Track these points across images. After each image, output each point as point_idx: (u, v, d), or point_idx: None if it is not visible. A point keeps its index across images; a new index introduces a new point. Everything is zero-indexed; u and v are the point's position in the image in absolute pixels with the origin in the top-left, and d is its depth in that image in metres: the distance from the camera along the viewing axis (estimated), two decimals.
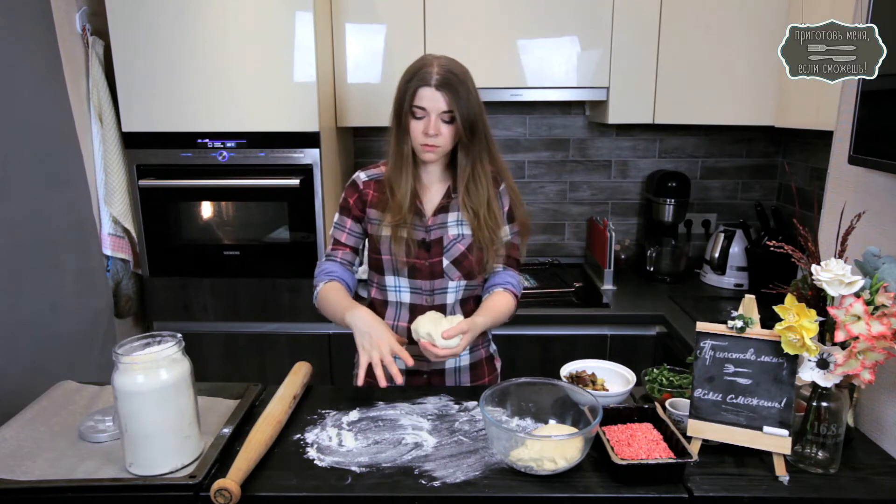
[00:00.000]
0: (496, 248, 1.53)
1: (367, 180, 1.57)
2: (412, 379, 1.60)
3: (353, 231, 1.58)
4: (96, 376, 1.52)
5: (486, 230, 1.50)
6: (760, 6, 2.24)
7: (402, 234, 1.50)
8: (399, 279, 1.55)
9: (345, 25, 2.37)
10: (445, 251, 1.52)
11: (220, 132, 2.23)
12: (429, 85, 1.40)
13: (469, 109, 1.42)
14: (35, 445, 1.19)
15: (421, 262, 1.52)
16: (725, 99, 2.36)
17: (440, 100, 1.40)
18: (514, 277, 1.59)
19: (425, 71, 1.41)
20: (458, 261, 1.52)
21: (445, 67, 1.42)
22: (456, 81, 1.41)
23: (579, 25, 2.37)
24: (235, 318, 2.39)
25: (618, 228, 2.84)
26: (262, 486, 1.09)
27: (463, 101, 1.41)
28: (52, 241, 1.93)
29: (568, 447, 1.09)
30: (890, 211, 1.28)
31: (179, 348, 1.13)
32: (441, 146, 1.45)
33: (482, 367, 1.64)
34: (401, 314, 1.57)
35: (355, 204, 1.56)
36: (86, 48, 2.19)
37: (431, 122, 1.42)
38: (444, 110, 1.41)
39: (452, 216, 1.53)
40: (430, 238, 1.53)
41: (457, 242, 1.52)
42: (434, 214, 1.53)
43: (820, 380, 1.09)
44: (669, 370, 1.44)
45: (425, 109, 1.42)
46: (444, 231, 1.53)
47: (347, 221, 1.58)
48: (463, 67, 1.46)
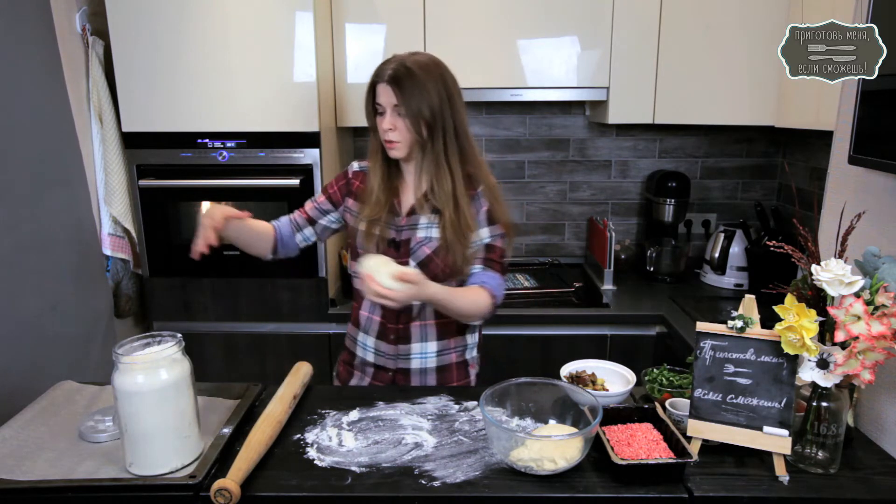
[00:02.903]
0: (466, 252, 1.49)
1: (357, 170, 1.62)
2: (378, 375, 1.60)
3: (320, 207, 1.63)
4: (96, 376, 1.52)
5: (452, 230, 1.46)
6: (760, 6, 2.24)
7: (374, 231, 1.51)
8: None
9: (345, 25, 2.37)
10: (412, 253, 1.51)
11: (220, 132, 2.23)
12: (382, 80, 1.42)
13: (421, 105, 1.40)
14: (35, 445, 1.19)
15: None
16: (725, 99, 2.36)
17: (391, 94, 1.42)
18: (494, 279, 1.51)
19: (382, 67, 1.44)
20: (423, 263, 1.50)
21: (403, 63, 1.42)
22: (406, 76, 1.40)
23: (579, 25, 2.37)
24: (235, 318, 2.39)
25: (618, 228, 2.84)
26: (262, 486, 1.09)
27: (413, 96, 1.40)
28: (52, 241, 1.93)
29: (568, 447, 1.09)
30: (890, 211, 1.28)
31: (179, 348, 1.13)
32: (400, 141, 1.45)
33: (451, 372, 1.61)
34: (374, 308, 1.58)
35: (339, 189, 1.62)
36: (86, 48, 2.19)
37: (387, 117, 1.44)
38: (395, 105, 1.42)
39: (425, 218, 1.52)
40: (400, 238, 1.52)
41: (423, 245, 1.50)
42: (408, 214, 1.53)
43: (820, 380, 1.09)
44: (669, 370, 1.44)
45: (382, 105, 1.44)
46: (413, 232, 1.52)
47: (321, 198, 1.64)
48: (428, 63, 1.44)
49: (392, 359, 1.58)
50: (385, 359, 1.59)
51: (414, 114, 1.41)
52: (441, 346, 1.59)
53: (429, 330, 1.56)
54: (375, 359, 1.60)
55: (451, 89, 1.45)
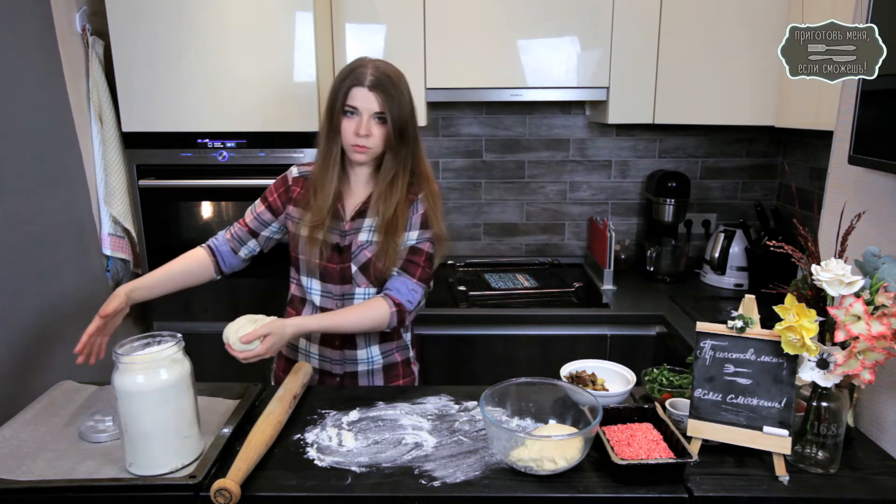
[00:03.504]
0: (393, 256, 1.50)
1: (297, 177, 1.58)
2: (325, 379, 1.60)
3: (260, 217, 1.60)
4: (96, 376, 1.52)
5: (389, 237, 1.48)
6: (760, 6, 2.24)
7: (317, 236, 1.50)
8: (311, 280, 1.55)
9: (345, 25, 2.37)
10: (353, 257, 1.52)
11: (220, 132, 2.23)
12: (362, 85, 1.41)
13: (401, 112, 1.43)
14: (35, 445, 1.19)
15: (332, 266, 1.52)
16: (725, 99, 2.36)
17: (373, 100, 1.41)
18: (405, 285, 1.49)
19: (360, 71, 1.42)
20: (364, 266, 1.51)
21: (380, 69, 1.43)
22: (389, 83, 1.42)
23: (579, 25, 2.37)
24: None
25: (618, 228, 2.83)
26: (262, 486, 1.09)
27: (395, 103, 1.42)
28: (51, 241, 1.93)
29: (568, 447, 1.09)
30: (890, 211, 1.28)
31: (179, 348, 1.13)
32: (372, 147, 1.45)
33: (397, 370, 1.63)
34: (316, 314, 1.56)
35: (278, 196, 1.58)
36: (86, 48, 2.19)
37: (363, 122, 1.42)
38: (377, 111, 1.42)
39: (368, 221, 1.52)
40: (344, 242, 1.52)
41: (364, 248, 1.51)
42: (352, 219, 1.52)
43: (820, 380, 1.09)
44: (669, 370, 1.44)
45: (357, 109, 1.42)
46: (355, 236, 1.52)
47: (260, 207, 1.60)
48: (398, 71, 1.47)
49: (339, 363, 1.59)
50: (331, 364, 1.59)
51: (395, 121, 1.42)
52: (385, 348, 1.61)
53: (371, 333, 1.57)
54: (321, 364, 1.60)
55: (411, 97, 1.48)
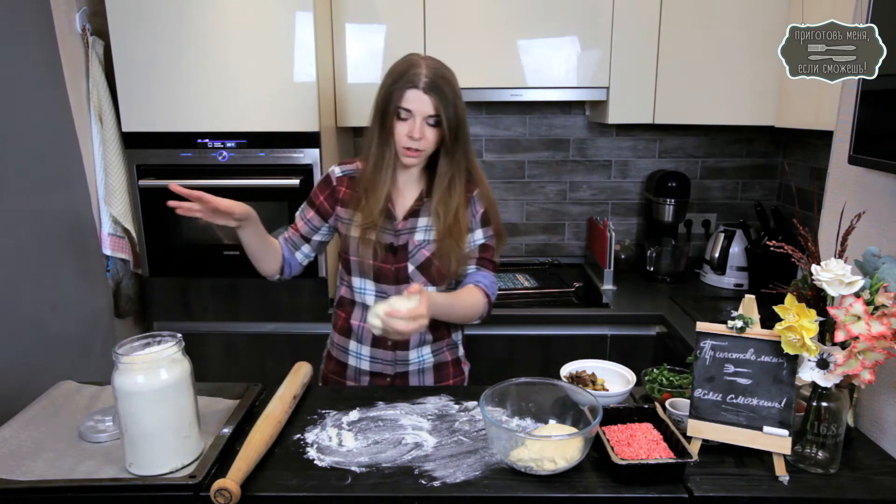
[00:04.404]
0: (459, 257, 1.50)
1: (341, 176, 1.55)
2: (375, 380, 1.60)
3: (311, 222, 1.57)
4: (96, 376, 1.52)
5: (451, 239, 1.47)
6: (760, 6, 2.24)
7: (370, 237, 1.48)
8: (365, 281, 1.53)
9: (345, 25, 2.37)
10: (410, 256, 1.50)
11: (220, 132, 2.23)
12: (416, 87, 1.37)
13: (455, 114, 1.40)
14: (35, 445, 1.19)
15: (387, 267, 1.50)
16: (725, 99, 2.36)
17: (427, 103, 1.38)
18: (487, 277, 1.55)
19: (414, 73, 1.38)
20: (423, 266, 1.50)
21: (434, 70, 1.39)
22: (444, 85, 1.38)
23: (579, 25, 2.37)
24: (235, 318, 2.39)
25: (618, 228, 2.84)
26: (262, 486, 1.09)
27: (450, 105, 1.38)
28: (51, 241, 1.93)
29: (568, 447, 1.09)
30: (890, 211, 1.28)
31: (179, 348, 1.13)
32: (424, 150, 1.43)
33: (447, 369, 1.62)
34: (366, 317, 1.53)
35: (325, 200, 1.55)
36: (86, 48, 2.19)
37: (417, 125, 1.39)
38: (431, 114, 1.39)
39: (422, 221, 1.51)
40: (398, 242, 1.50)
41: (422, 248, 1.50)
42: (405, 218, 1.51)
43: (820, 380, 1.09)
44: (669, 370, 1.44)
45: (411, 112, 1.39)
46: (411, 236, 1.51)
47: (310, 212, 1.58)
48: (451, 71, 1.44)
49: (391, 364, 1.57)
50: (383, 365, 1.58)
51: (450, 123, 1.39)
52: (435, 347, 1.60)
53: (425, 335, 1.56)
54: (371, 366, 1.58)
55: (462, 98, 1.45)
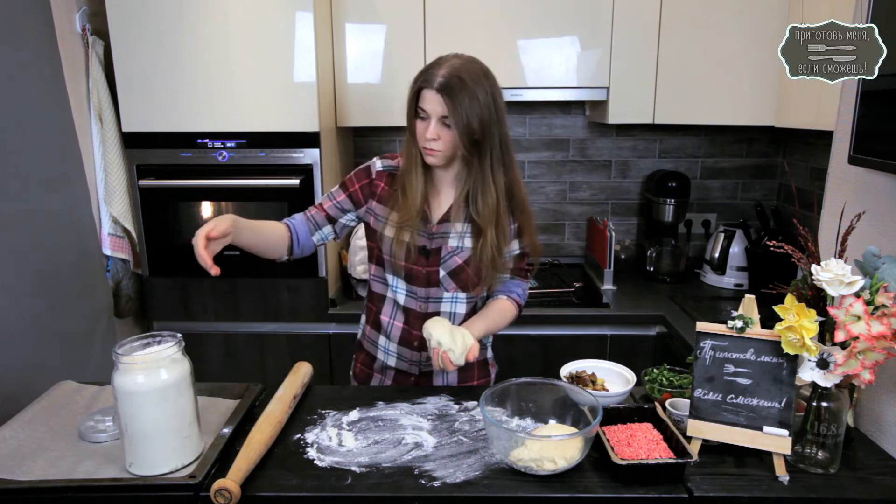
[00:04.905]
0: (497, 266, 1.47)
1: (381, 170, 1.51)
2: (399, 378, 1.60)
3: (340, 206, 1.52)
4: (96, 376, 1.52)
5: (491, 248, 1.43)
6: (760, 6, 2.24)
7: (404, 238, 1.45)
8: (397, 279, 1.52)
9: (345, 25, 2.37)
10: (442, 262, 1.49)
11: (220, 132, 2.23)
12: (431, 87, 1.34)
13: (470, 118, 1.33)
14: (35, 445, 1.19)
15: (418, 269, 1.49)
16: (725, 99, 2.36)
17: (440, 103, 1.34)
18: (520, 286, 1.59)
19: (431, 72, 1.35)
20: (454, 273, 1.49)
21: (454, 69, 1.34)
22: (458, 86, 1.32)
23: (579, 25, 2.37)
24: (235, 318, 2.39)
25: (618, 228, 2.84)
26: (262, 486, 1.09)
27: (462, 108, 1.32)
28: (51, 241, 1.93)
29: (568, 447, 1.09)
30: (890, 211, 1.28)
31: (179, 348, 1.13)
32: (441, 151, 1.39)
33: (472, 370, 1.61)
34: (396, 314, 1.55)
35: (360, 189, 1.51)
36: (86, 48, 2.19)
37: (431, 125, 1.36)
38: (444, 115, 1.35)
39: (457, 227, 1.47)
40: (431, 246, 1.48)
41: (454, 255, 1.48)
42: (439, 222, 1.48)
43: (820, 380, 1.09)
44: (669, 370, 1.44)
45: (426, 112, 1.37)
46: (444, 241, 1.48)
47: (341, 195, 1.53)
48: (478, 72, 1.37)
49: (416, 364, 1.56)
50: (408, 364, 1.57)
51: (462, 127, 1.34)
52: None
53: None
54: (398, 364, 1.58)
55: (499, 99, 1.39)
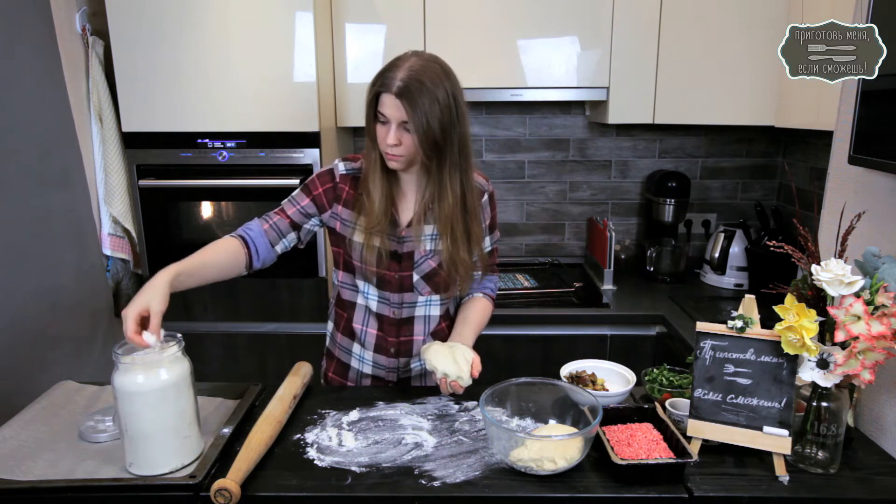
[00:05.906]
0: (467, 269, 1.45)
1: (344, 174, 1.46)
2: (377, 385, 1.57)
3: (304, 210, 1.46)
4: (96, 376, 1.52)
5: (459, 251, 1.41)
6: (760, 6, 2.24)
7: (374, 243, 1.41)
8: (368, 286, 1.48)
9: (345, 25, 2.37)
10: (416, 266, 1.46)
11: (220, 132, 2.23)
12: (389, 91, 1.27)
13: (431, 121, 1.28)
14: (35, 445, 1.19)
15: (391, 275, 1.45)
16: (725, 99, 2.36)
17: (399, 108, 1.28)
18: (493, 281, 1.62)
19: (389, 75, 1.28)
20: (428, 276, 1.46)
21: (413, 72, 1.28)
22: (417, 90, 1.26)
23: (579, 25, 2.37)
24: (235, 318, 2.39)
25: (618, 228, 2.84)
26: (262, 486, 1.09)
27: (423, 113, 1.26)
28: (51, 241, 1.93)
29: (568, 447, 1.09)
30: (890, 211, 1.28)
31: (179, 348, 1.13)
32: (404, 155, 1.34)
33: None
34: (369, 321, 1.51)
35: (324, 192, 1.45)
36: (86, 48, 2.19)
37: (392, 131, 1.30)
38: (403, 120, 1.29)
39: (428, 229, 1.44)
40: (402, 250, 1.45)
41: (428, 258, 1.45)
42: (409, 225, 1.45)
43: (820, 380, 1.09)
44: (669, 370, 1.44)
45: (386, 116, 1.31)
46: (416, 244, 1.45)
47: (304, 200, 1.46)
48: (438, 73, 1.31)
49: (393, 371, 1.54)
50: (385, 371, 1.54)
51: (423, 131, 1.28)
52: None
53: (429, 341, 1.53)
54: (374, 371, 1.55)
55: (459, 98, 1.34)
